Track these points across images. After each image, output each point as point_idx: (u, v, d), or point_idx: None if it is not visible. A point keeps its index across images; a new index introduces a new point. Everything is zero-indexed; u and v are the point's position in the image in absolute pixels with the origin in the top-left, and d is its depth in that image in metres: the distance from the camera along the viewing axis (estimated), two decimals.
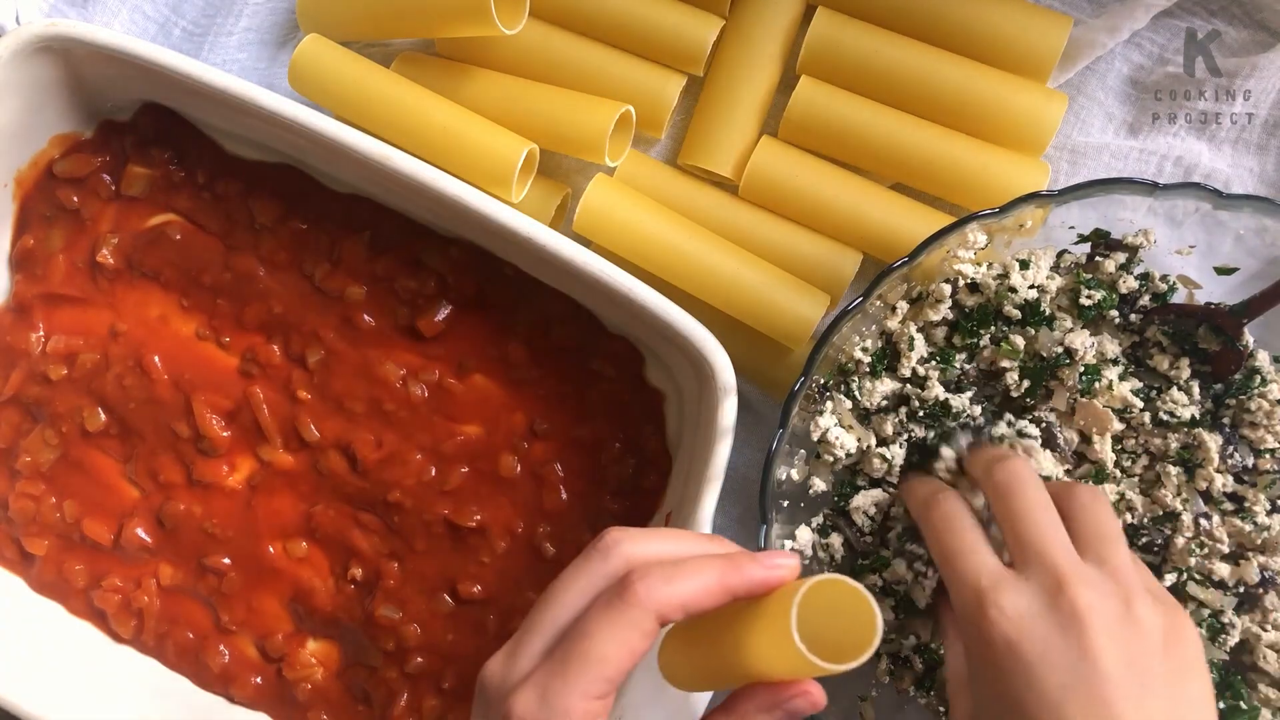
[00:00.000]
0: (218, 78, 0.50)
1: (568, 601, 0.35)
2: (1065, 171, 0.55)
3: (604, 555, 0.36)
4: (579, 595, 0.35)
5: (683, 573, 0.34)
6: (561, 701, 0.33)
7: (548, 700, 0.33)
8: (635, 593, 0.33)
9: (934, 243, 0.48)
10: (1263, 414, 0.48)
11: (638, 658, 0.34)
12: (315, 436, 0.55)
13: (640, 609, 0.33)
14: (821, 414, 0.50)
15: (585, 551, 0.36)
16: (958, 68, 0.53)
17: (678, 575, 0.34)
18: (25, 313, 0.57)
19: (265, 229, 0.55)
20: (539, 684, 0.33)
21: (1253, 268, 0.49)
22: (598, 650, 0.33)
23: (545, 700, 0.33)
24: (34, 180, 0.57)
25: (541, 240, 0.49)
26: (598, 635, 0.33)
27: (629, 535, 0.36)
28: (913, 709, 0.51)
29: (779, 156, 0.54)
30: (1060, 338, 0.49)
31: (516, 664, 0.35)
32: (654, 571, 0.34)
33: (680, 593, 0.34)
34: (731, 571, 0.35)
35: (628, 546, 0.36)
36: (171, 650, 0.56)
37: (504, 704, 0.33)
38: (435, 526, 0.54)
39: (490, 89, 0.56)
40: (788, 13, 0.55)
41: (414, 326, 0.54)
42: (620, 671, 0.33)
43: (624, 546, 0.36)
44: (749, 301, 0.53)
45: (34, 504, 0.57)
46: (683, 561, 0.35)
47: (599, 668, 0.33)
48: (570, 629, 0.34)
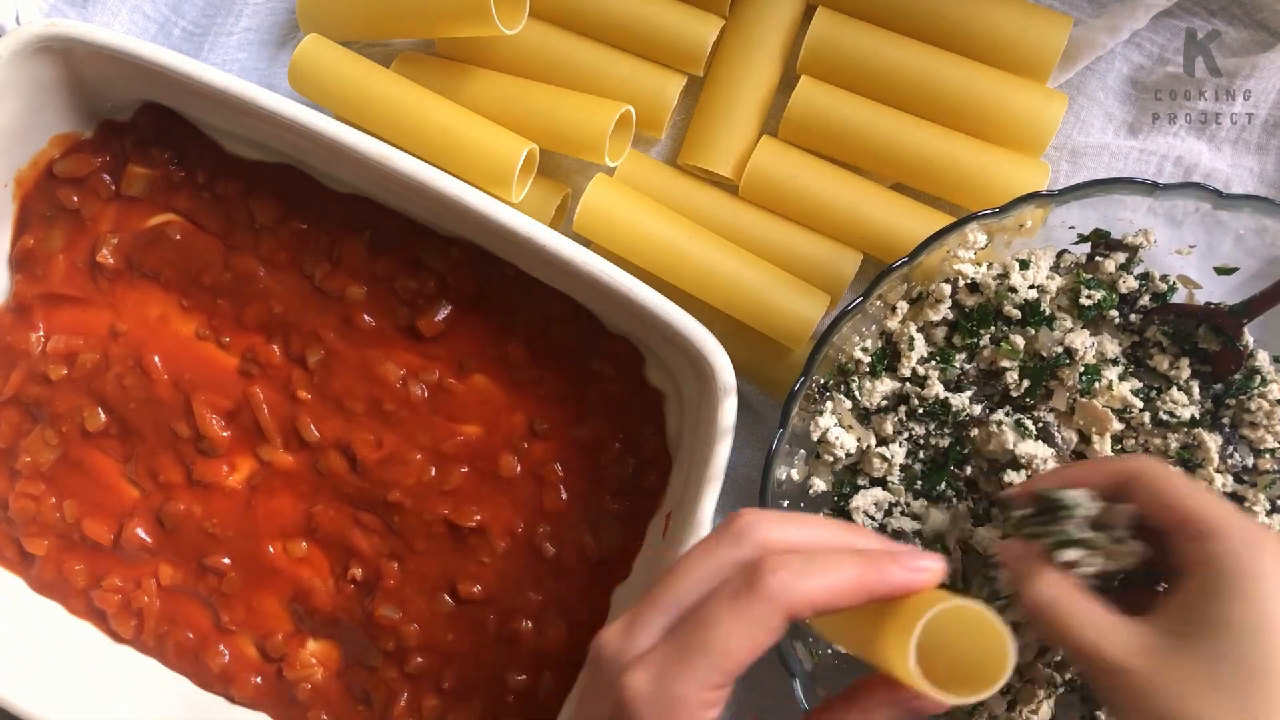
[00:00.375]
0: (218, 78, 0.50)
1: (693, 581, 0.34)
2: (1065, 171, 0.55)
3: (736, 539, 0.34)
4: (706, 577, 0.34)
5: (818, 569, 0.33)
6: (677, 688, 0.32)
7: (663, 685, 0.32)
8: (767, 586, 0.32)
9: (934, 243, 0.48)
10: (1263, 414, 0.48)
11: (761, 652, 0.32)
12: (315, 436, 0.55)
13: (770, 604, 0.32)
14: (821, 414, 0.50)
15: (717, 531, 0.35)
16: (958, 68, 0.53)
17: (812, 571, 0.32)
18: (25, 313, 0.57)
19: (265, 229, 0.55)
20: (656, 666, 0.32)
21: (1253, 268, 0.49)
22: (720, 642, 0.32)
23: (661, 684, 0.32)
24: (34, 180, 0.57)
25: (541, 240, 0.49)
26: (722, 626, 0.32)
27: (764, 519, 0.35)
28: None
29: (779, 156, 0.54)
30: (1060, 338, 0.49)
31: (634, 639, 0.34)
32: (788, 564, 0.32)
33: (813, 590, 0.32)
34: (870, 571, 0.33)
35: (762, 532, 0.34)
36: (171, 650, 0.56)
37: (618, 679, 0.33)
38: (435, 526, 0.54)
39: (490, 89, 0.56)
40: (788, 13, 0.55)
41: (414, 326, 0.54)
42: (741, 665, 0.32)
43: (758, 532, 0.34)
44: (749, 301, 0.53)
45: (34, 504, 0.57)
46: (818, 556, 0.33)
47: (720, 660, 0.32)
48: (694, 613, 0.33)
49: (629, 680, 0.32)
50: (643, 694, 0.32)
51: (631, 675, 0.32)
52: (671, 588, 0.34)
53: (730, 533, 0.35)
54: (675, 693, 0.32)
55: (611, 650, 0.34)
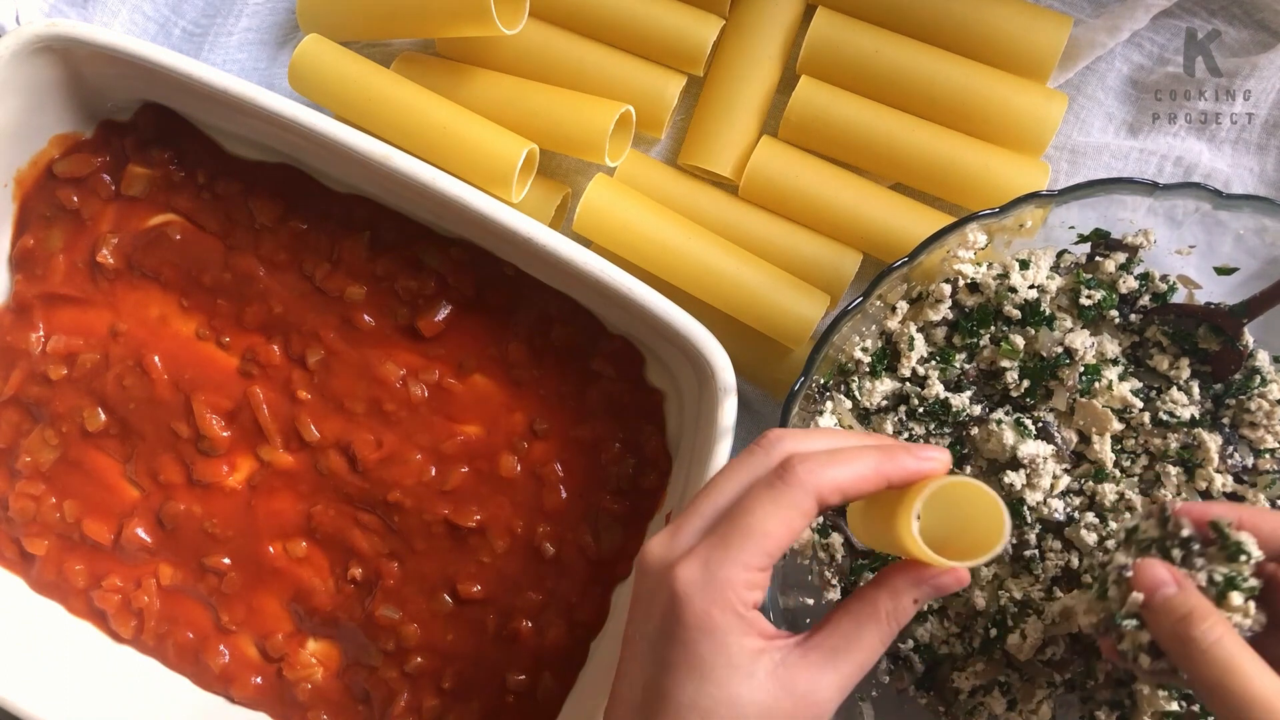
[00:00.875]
0: (218, 78, 0.50)
1: (728, 489, 0.37)
2: (1065, 171, 0.55)
3: (766, 450, 0.37)
4: (739, 484, 0.37)
5: (841, 459, 0.36)
6: (724, 571, 0.35)
7: (710, 569, 0.35)
8: (796, 474, 0.35)
9: (934, 243, 0.48)
10: (1263, 414, 0.48)
11: (795, 535, 0.36)
12: (315, 436, 0.55)
13: (801, 489, 0.35)
14: (821, 414, 0.50)
15: (748, 448, 0.38)
16: (958, 68, 0.53)
17: (836, 461, 0.36)
18: (25, 313, 0.57)
19: (265, 229, 0.55)
20: (702, 556, 0.35)
21: (1253, 268, 0.49)
22: (759, 525, 0.35)
23: (708, 569, 0.35)
24: (34, 180, 0.57)
25: (541, 240, 0.49)
26: (759, 511, 0.35)
27: (790, 434, 0.38)
28: (913, 709, 0.51)
29: (779, 156, 0.54)
30: (1060, 338, 0.49)
31: (677, 542, 0.36)
32: (814, 456, 0.36)
33: (838, 477, 0.36)
34: (886, 460, 0.36)
35: (789, 444, 0.37)
36: (171, 650, 0.56)
37: (668, 575, 0.35)
38: (435, 526, 0.54)
39: (490, 89, 0.56)
40: (788, 13, 0.55)
41: (414, 326, 0.54)
42: (779, 546, 0.35)
43: (786, 444, 0.37)
44: (749, 301, 0.53)
45: (34, 504, 0.57)
46: (841, 449, 0.37)
47: (760, 541, 0.35)
48: (732, 509, 0.36)
49: (679, 573, 0.35)
50: (693, 580, 0.35)
51: (681, 568, 0.35)
52: (708, 497, 0.37)
53: (760, 446, 0.38)
54: (723, 575, 0.35)
55: (657, 555, 0.36)
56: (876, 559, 0.50)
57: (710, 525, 0.36)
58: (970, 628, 0.50)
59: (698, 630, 0.35)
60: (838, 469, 0.36)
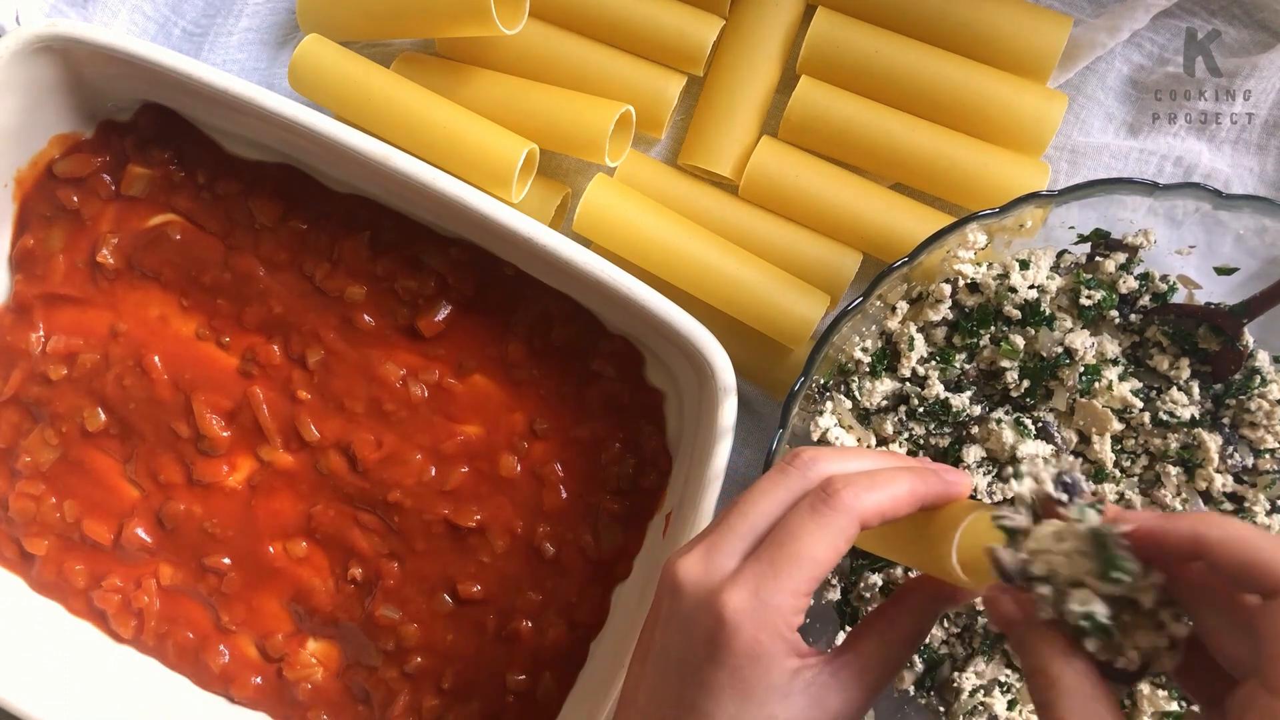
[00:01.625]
0: (218, 78, 0.50)
1: (766, 510, 0.37)
2: (1065, 171, 0.55)
3: (802, 471, 0.38)
4: (777, 504, 0.37)
5: (881, 482, 0.36)
6: (775, 599, 0.35)
7: (761, 597, 0.35)
8: (842, 499, 0.36)
9: (934, 243, 0.48)
10: (1263, 414, 0.48)
11: (839, 559, 0.36)
12: (315, 436, 0.55)
13: (846, 515, 0.35)
14: (821, 414, 0.50)
15: (781, 467, 0.38)
16: (958, 68, 0.53)
17: (877, 484, 0.36)
18: (25, 313, 0.57)
19: (265, 229, 0.55)
20: (751, 583, 0.35)
21: (1253, 268, 0.49)
22: (808, 552, 0.35)
23: (759, 597, 0.35)
24: (34, 180, 0.57)
25: (541, 240, 0.49)
26: (807, 538, 0.35)
27: (824, 454, 0.38)
28: (913, 709, 0.51)
29: (779, 156, 0.54)
30: (1060, 338, 0.49)
31: (716, 564, 0.36)
32: (857, 480, 0.36)
33: (880, 500, 0.36)
34: (921, 483, 0.37)
35: (824, 465, 0.38)
36: (171, 650, 0.56)
37: (714, 600, 0.35)
38: (435, 526, 0.54)
39: (490, 89, 0.56)
40: (788, 13, 0.55)
41: (414, 326, 0.54)
42: (824, 571, 0.36)
43: (821, 465, 0.38)
44: (749, 301, 0.53)
45: (34, 504, 0.57)
46: (879, 472, 0.37)
47: (809, 568, 0.35)
48: (776, 532, 0.36)
49: (727, 598, 0.35)
50: (743, 608, 0.35)
51: (730, 594, 0.35)
52: (745, 517, 0.37)
53: (795, 467, 0.38)
54: (774, 603, 0.35)
55: (696, 576, 0.36)
56: (875, 560, 0.50)
57: (750, 547, 0.37)
58: (970, 628, 0.50)
59: (746, 656, 0.35)
60: (879, 493, 0.36)
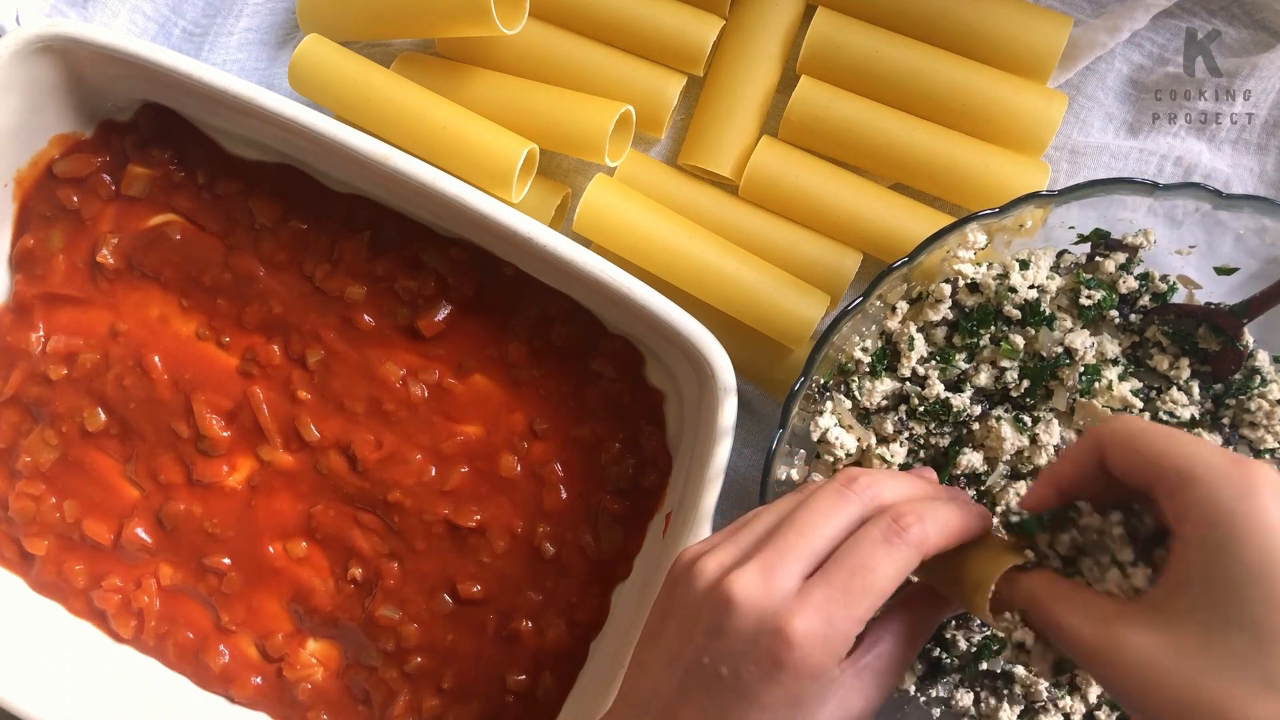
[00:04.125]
0: (218, 78, 0.50)
1: (827, 533, 0.38)
2: (1065, 171, 0.55)
3: (859, 496, 0.39)
4: (838, 529, 0.38)
5: (942, 518, 0.38)
6: (844, 626, 0.36)
7: (833, 625, 0.36)
8: (913, 534, 0.37)
9: (934, 243, 0.48)
10: (1263, 414, 0.48)
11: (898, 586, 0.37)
12: (315, 436, 0.55)
13: (915, 549, 0.37)
14: (821, 414, 0.50)
15: (837, 490, 0.39)
16: (958, 68, 0.53)
17: (936, 520, 0.38)
18: (25, 313, 0.57)
19: (265, 229, 0.55)
20: (823, 609, 0.36)
21: (1253, 268, 0.49)
22: (880, 584, 0.36)
23: (831, 625, 0.36)
24: (34, 180, 0.57)
25: (541, 240, 0.49)
26: (880, 570, 0.36)
27: (876, 479, 0.40)
28: (913, 709, 0.51)
29: (779, 156, 0.54)
30: (1060, 338, 0.49)
31: (777, 584, 0.37)
32: (925, 516, 0.37)
33: (942, 535, 0.38)
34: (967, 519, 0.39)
35: (878, 490, 0.39)
36: (171, 650, 0.56)
37: (779, 622, 0.36)
38: (435, 526, 0.54)
39: (490, 89, 0.56)
40: (788, 13, 0.55)
41: (414, 326, 0.54)
42: (885, 598, 0.37)
43: (875, 491, 0.39)
44: (749, 301, 0.53)
45: (34, 504, 0.57)
46: (934, 506, 0.38)
47: (878, 599, 0.36)
48: (846, 559, 0.37)
49: (798, 623, 0.36)
50: (813, 634, 0.36)
51: (800, 618, 0.36)
52: (805, 538, 0.38)
53: (853, 491, 0.39)
54: (844, 631, 0.36)
55: (756, 596, 0.37)
56: None
57: (808, 568, 0.37)
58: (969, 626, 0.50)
59: (809, 678, 0.36)
60: (942, 527, 0.38)
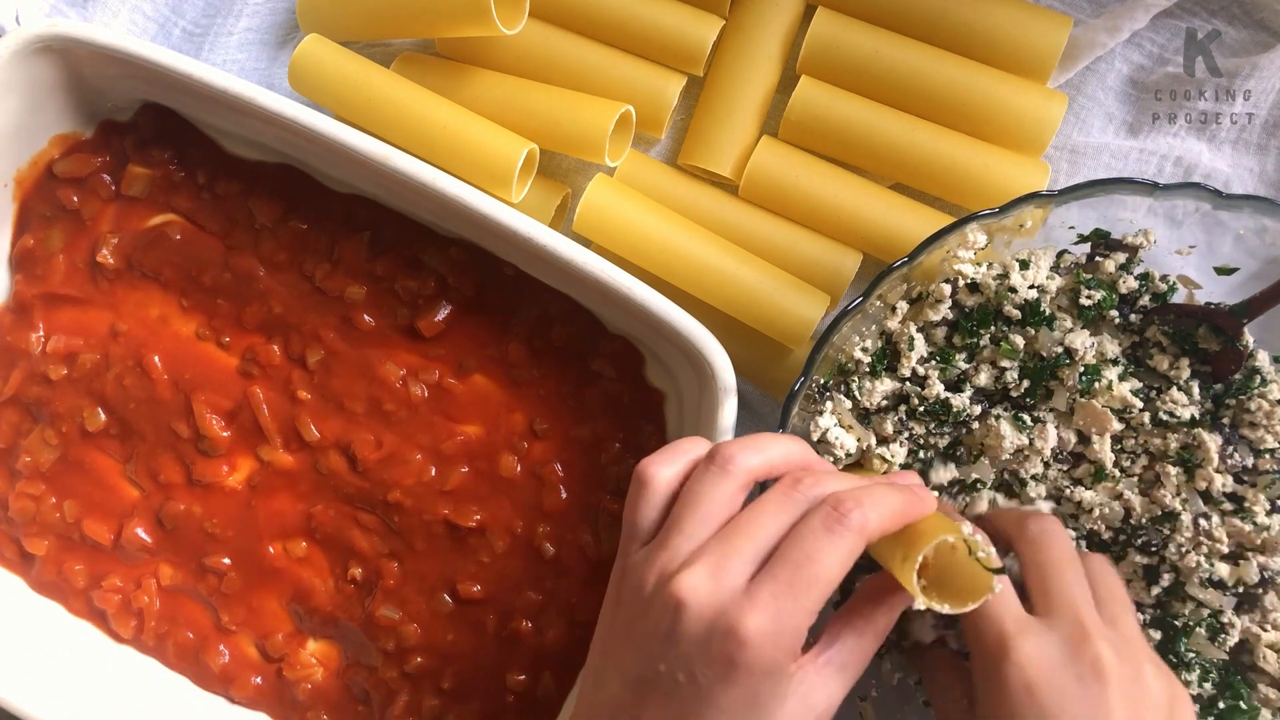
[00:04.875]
0: (218, 78, 0.50)
1: (772, 530, 0.38)
2: (1065, 171, 0.55)
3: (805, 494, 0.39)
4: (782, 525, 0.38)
5: (880, 502, 0.38)
6: (794, 620, 0.36)
7: (782, 620, 0.36)
8: (853, 519, 0.37)
9: (934, 243, 0.48)
10: (1263, 414, 0.48)
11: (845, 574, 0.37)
12: (315, 436, 0.55)
13: (857, 535, 0.37)
14: (821, 414, 0.50)
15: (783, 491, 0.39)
16: (958, 68, 0.53)
17: (876, 505, 0.38)
18: (25, 313, 0.57)
19: (265, 229, 0.55)
20: (770, 605, 0.36)
21: (1253, 268, 0.49)
22: (825, 573, 0.37)
23: (780, 619, 0.36)
24: (34, 180, 0.57)
25: (541, 240, 0.49)
26: (824, 559, 0.37)
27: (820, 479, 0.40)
28: (913, 709, 0.51)
29: (779, 156, 0.54)
30: (1060, 338, 0.49)
31: (725, 582, 0.37)
32: (860, 501, 0.38)
33: (883, 521, 0.38)
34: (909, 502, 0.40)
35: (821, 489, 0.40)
36: (171, 650, 0.56)
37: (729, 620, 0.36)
38: (435, 526, 0.54)
39: (490, 89, 0.56)
40: (788, 13, 0.55)
41: (414, 326, 0.54)
42: (833, 588, 0.37)
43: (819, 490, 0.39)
44: (749, 301, 0.53)
45: (34, 504, 0.57)
46: (874, 491, 0.39)
47: (825, 589, 0.37)
48: (789, 551, 0.37)
49: (748, 621, 0.36)
50: (764, 630, 0.36)
51: (750, 615, 0.36)
52: (751, 537, 0.38)
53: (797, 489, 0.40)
54: (793, 625, 0.36)
55: (705, 596, 0.37)
56: None
57: (755, 566, 0.37)
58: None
59: (764, 675, 0.36)
60: (883, 513, 0.38)
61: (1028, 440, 0.48)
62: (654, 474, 0.41)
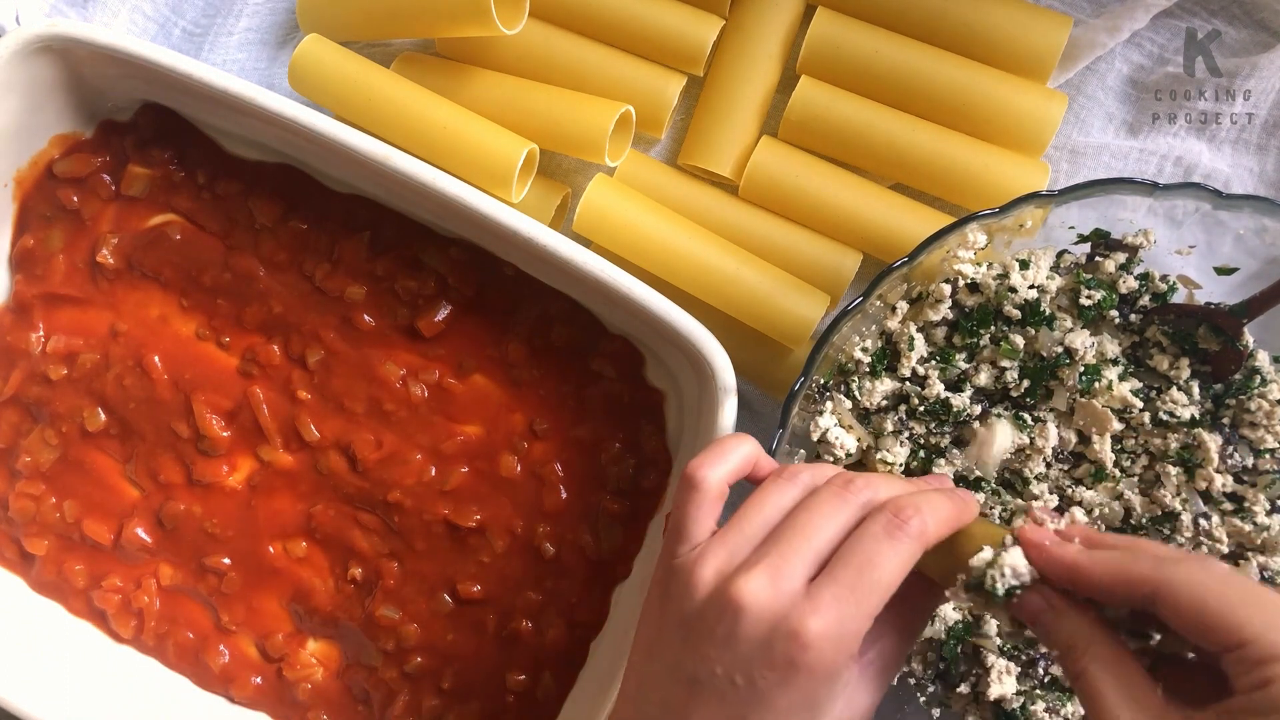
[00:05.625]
0: (218, 78, 0.50)
1: (828, 534, 0.38)
2: (1065, 171, 0.55)
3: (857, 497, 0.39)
4: (839, 529, 0.38)
5: (939, 510, 0.39)
6: (856, 624, 0.36)
7: (844, 624, 0.36)
8: (913, 526, 0.37)
9: (934, 243, 0.48)
10: (1263, 414, 0.48)
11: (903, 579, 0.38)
12: (315, 436, 0.55)
13: (917, 542, 0.37)
14: (821, 414, 0.50)
15: (835, 492, 0.39)
16: (958, 68, 0.53)
17: (933, 511, 0.38)
18: (25, 313, 0.57)
19: (265, 229, 0.55)
20: (834, 608, 0.36)
21: (1253, 268, 0.49)
22: (887, 580, 0.37)
23: (843, 624, 0.36)
24: (34, 180, 0.57)
25: (541, 240, 0.49)
26: (885, 565, 0.37)
27: (872, 481, 0.40)
28: (913, 709, 0.51)
29: (779, 156, 0.54)
30: (1060, 338, 0.49)
31: (785, 587, 0.37)
32: (919, 508, 0.38)
33: (940, 524, 0.38)
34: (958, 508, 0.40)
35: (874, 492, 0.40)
36: (171, 650, 0.56)
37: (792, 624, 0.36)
38: (435, 526, 0.54)
39: (490, 89, 0.56)
40: (788, 13, 0.55)
41: (414, 326, 0.54)
42: (892, 593, 0.37)
43: (871, 492, 0.40)
44: (749, 301, 0.53)
45: (34, 504, 0.57)
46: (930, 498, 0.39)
47: (886, 594, 0.37)
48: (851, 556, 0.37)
49: (811, 624, 0.36)
50: (827, 634, 0.36)
51: (813, 619, 0.36)
52: (809, 540, 0.38)
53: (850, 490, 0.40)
54: (855, 629, 0.36)
55: (765, 600, 0.37)
56: None
57: (812, 569, 0.37)
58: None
59: (824, 678, 0.36)
60: (934, 518, 0.38)
61: (1028, 440, 0.48)
62: (704, 476, 0.41)
